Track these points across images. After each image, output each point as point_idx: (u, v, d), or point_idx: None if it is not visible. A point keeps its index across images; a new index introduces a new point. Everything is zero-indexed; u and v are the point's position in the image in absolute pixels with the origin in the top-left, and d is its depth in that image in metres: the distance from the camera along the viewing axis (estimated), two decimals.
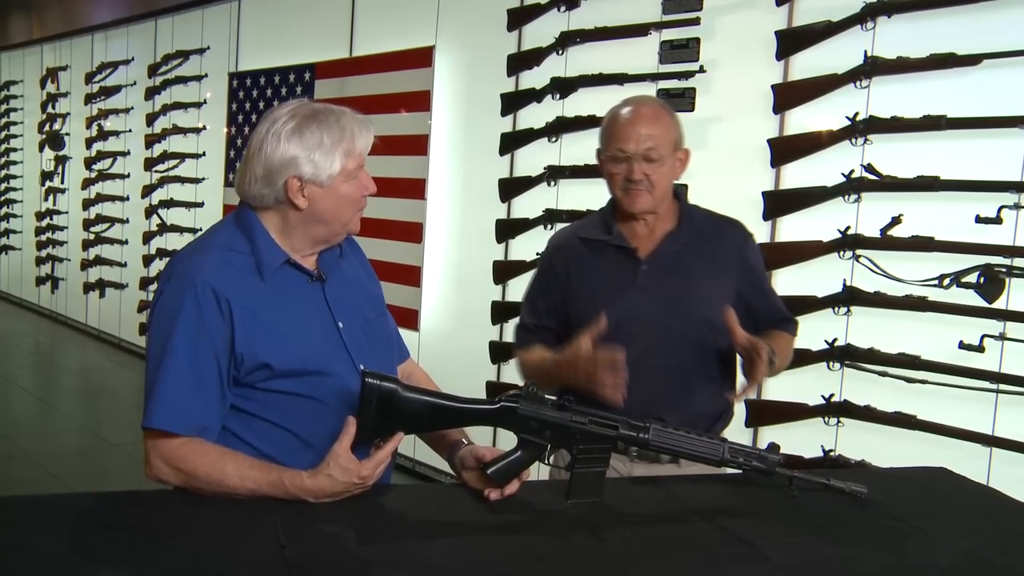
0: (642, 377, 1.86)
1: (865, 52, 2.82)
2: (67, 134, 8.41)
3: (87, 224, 7.86)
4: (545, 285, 2.12)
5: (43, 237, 8.75)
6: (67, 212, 8.44)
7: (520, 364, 2.14)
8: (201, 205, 6.42)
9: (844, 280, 2.87)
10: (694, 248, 2.00)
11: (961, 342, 2.60)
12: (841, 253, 2.87)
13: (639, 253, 2.00)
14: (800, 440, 2.93)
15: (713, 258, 2.01)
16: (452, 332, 4.50)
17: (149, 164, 6.90)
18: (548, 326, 2.09)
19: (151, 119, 6.97)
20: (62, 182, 8.47)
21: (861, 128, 2.83)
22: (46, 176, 8.67)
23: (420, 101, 4.55)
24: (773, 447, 1.68)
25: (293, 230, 1.62)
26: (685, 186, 2.99)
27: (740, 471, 1.65)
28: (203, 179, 6.41)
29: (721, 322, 1.88)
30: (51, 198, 8.64)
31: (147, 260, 6.99)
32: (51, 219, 8.66)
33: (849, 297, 2.85)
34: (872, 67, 2.80)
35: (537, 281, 2.16)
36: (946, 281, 2.61)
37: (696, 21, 3.33)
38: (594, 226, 2.08)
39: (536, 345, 2.08)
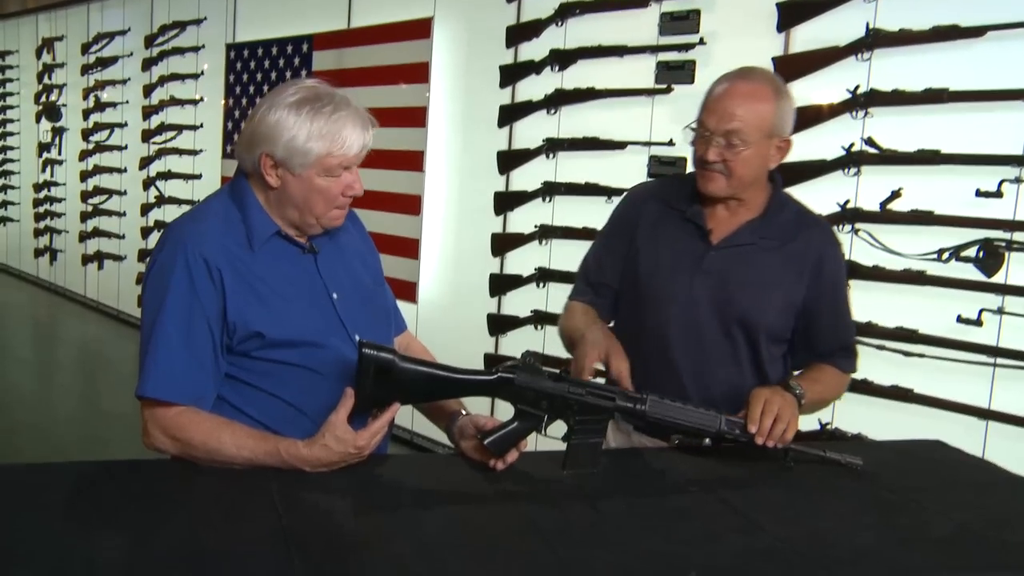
0: (687, 364, 1.84)
1: (867, 24, 2.79)
2: (64, 105, 8.34)
3: (85, 196, 7.83)
4: (612, 237, 1.99)
5: (41, 209, 8.72)
6: (65, 184, 8.40)
7: (563, 314, 2.01)
8: (199, 177, 6.40)
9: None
10: (770, 244, 1.83)
11: (959, 316, 2.61)
12: (840, 227, 2.85)
13: (712, 236, 1.84)
14: None
15: (787, 259, 1.83)
16: (450, 304, 4.50)
17: (147, 136, 6.87)
18: (605, 282, 1.97)
19: (148, 90, 6.92)
20: (59, 154, 8.42)
21: (862, 101, 2.81)
22: (43, 148, 8.62)
23: (418, 73, 4.51)
24: None
25: (272, 205, 1.60)
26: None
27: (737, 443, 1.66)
28: (201, 151, 6.38)
29: (778, 327, 1.82)
30: (48, 170, 8.60)
31: (145, 232, 6.97)
32: (49, 191, 8.62)
33: (848, 271, 2.83)
34: (874, 39, 2.78)
35: (606, 231, 2.03)
36: (945, 255, 2.61)
37: None
38: (676, 193, 1.92)
39: (589, 308, 1.97)
